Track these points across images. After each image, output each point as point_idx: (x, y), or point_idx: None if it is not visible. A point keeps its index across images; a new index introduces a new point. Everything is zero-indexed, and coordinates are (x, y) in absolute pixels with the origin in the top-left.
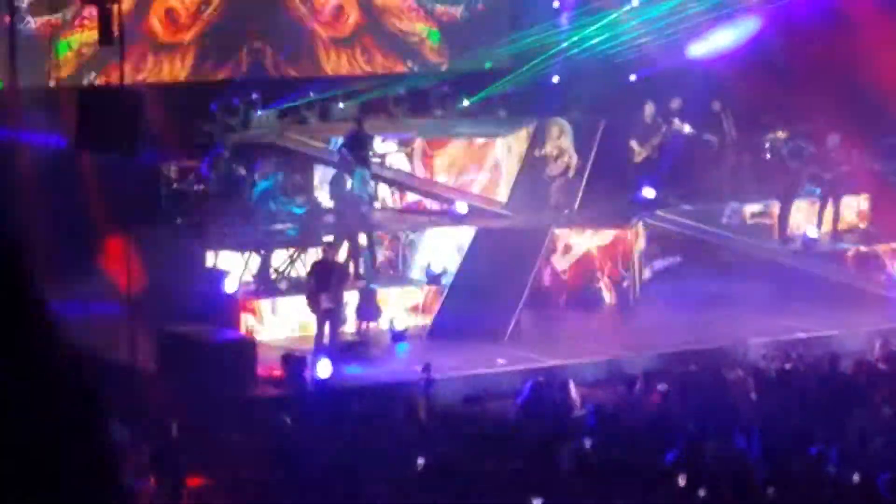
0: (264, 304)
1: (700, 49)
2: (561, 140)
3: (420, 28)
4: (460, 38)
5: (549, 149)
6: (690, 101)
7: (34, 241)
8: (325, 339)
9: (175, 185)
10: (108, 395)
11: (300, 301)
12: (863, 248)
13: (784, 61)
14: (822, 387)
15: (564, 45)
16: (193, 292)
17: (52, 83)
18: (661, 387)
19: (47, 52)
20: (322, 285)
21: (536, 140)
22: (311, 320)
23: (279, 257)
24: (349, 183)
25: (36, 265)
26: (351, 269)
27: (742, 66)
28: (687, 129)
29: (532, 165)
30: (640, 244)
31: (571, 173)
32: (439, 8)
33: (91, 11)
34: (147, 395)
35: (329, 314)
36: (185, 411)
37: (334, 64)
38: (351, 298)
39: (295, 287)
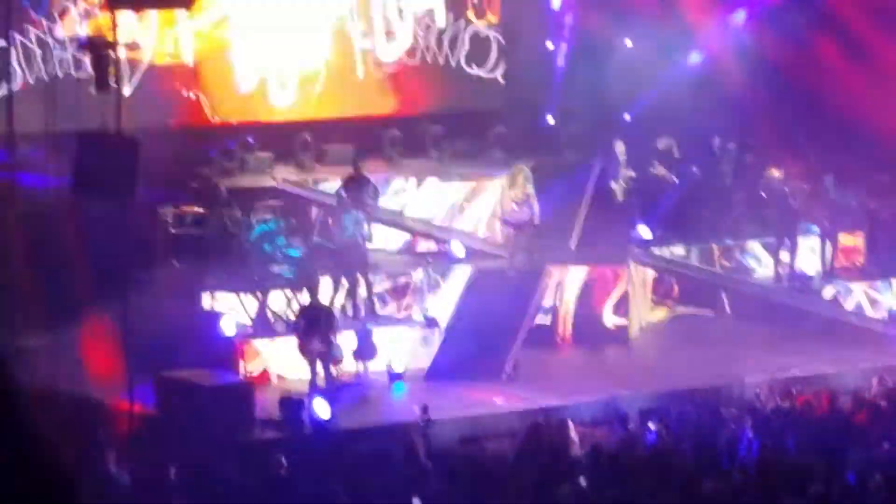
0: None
1: None
2: (526, 187)
3: None
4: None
5: (516, 194)
6: (688, 138)
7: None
8: (320, 381)
9: (172, 229)
10: (108, 439)
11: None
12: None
13: (775, 101)
14: (820, 424)
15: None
16: (191, 335)
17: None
18: (656, 426)
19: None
20: (312, 328)
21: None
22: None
23: (276, 299)
24: (344, 225)
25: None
26: (348, 309)
27: (735, 106)
28: (662, 171)
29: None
30: (643, 282)
31: (536, 220)
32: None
33: None
34: (146, 438)
35: (321, 356)
36: (184, 455)
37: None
38: (348, 339)
39: (292, 329)
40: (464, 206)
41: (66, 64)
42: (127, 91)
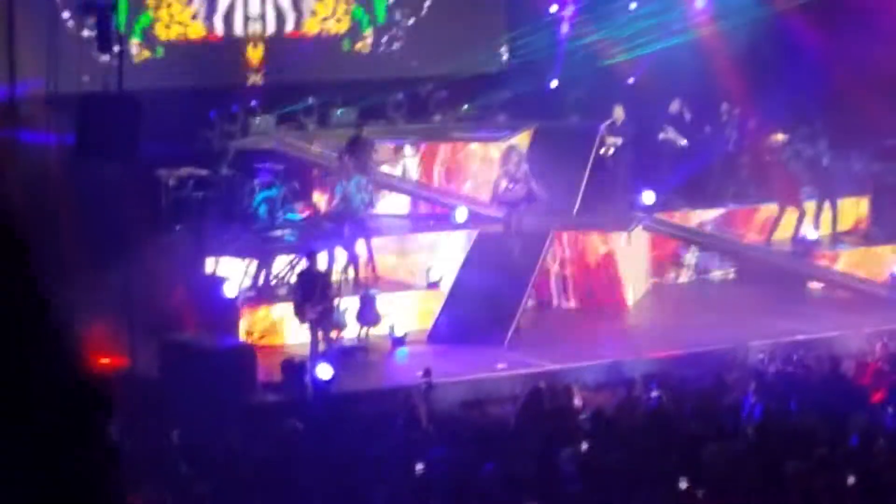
0: None
1: None
2: (521, 166)
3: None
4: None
5: (509, 171)
6: (693, 101)
7: (37, 243)
8: (321, 347)
9: (174, 192)
10: (109, 400)
11: None
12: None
13: (781, 65)
14: (823, 388)
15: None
16: (194, 298)
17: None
18: (659, 390)
19: None
20: (307, 294)
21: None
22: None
23: (279, 263)
24: (347, 189)
25: (41, 266)
26: (350, 274)
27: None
28: (682, 142)
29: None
30: (642, 250)
31: (535, 197)
32: None
33: None
34: (148, 401)
35: (318, 323)
36: (187, 418)
37: None
38: (351, 304)
39: (289, 294)
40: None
41: (70, 26)
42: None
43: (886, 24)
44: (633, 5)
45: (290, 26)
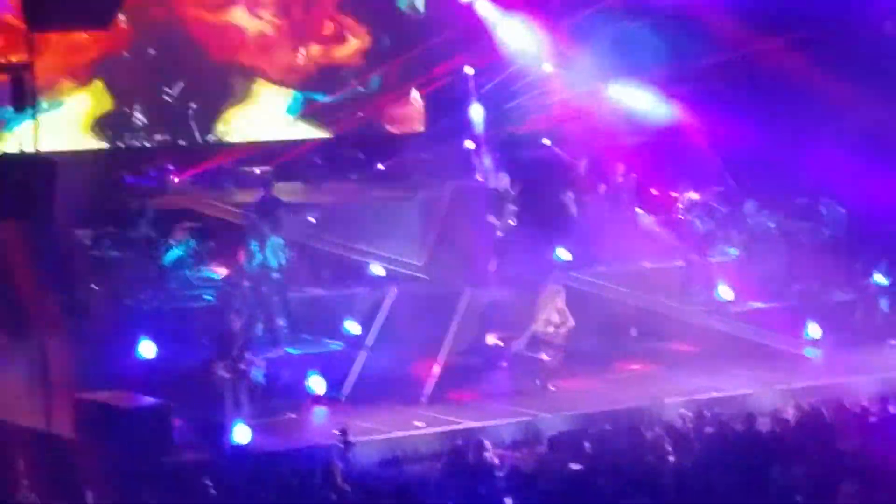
0: None
1: None
2: None
3: None
4: None
5: None
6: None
7: None
8: (238, 406)
9: (91, 252)
10: (23, 462)
11: None
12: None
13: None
14: (739, 445)
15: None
16: (110, 357)
17: None
18: (576, 447)
19: None
20: (223, 353)
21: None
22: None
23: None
24: (262, 249)
25: None
26: (267, 333)
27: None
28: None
29: (447, 227)
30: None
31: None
32: None
33: None
34: (64, 462)
35: (234, 382)
36: (103, 479)
37: None
38: (268, 362)
39: (203, 355)
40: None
41: None
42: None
43: (797, 84)
44: (547, 67)
45: None
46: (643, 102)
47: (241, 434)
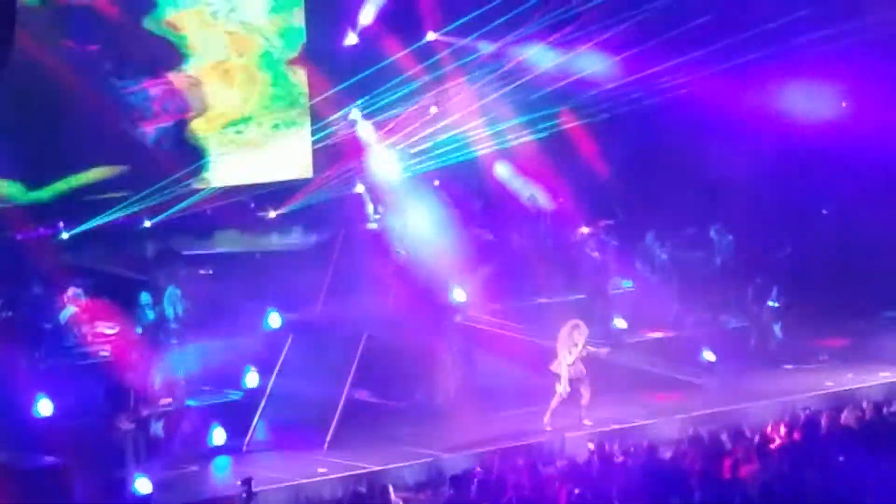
0: None
1: None
2: None
3: None
4: None
5: None
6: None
7: None
8: (138, 459)
9: None
10: None
11: None
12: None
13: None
14: (640, 475)
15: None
16: (6, 417)
17: None
18: (479, 486)
19: None
20: (120, 406)
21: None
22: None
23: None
24: (160, 301)
25: None
26: (166, 386)
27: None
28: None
29: (341, 272)
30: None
31: None
32: None
33: None
34: None
35: (135, 434)
36: None
37: None
38: (168, 415)
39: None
40: None
41: None
42: None
43: (686, 118)
44: (433, 109)
45: None
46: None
47: (143, 486)
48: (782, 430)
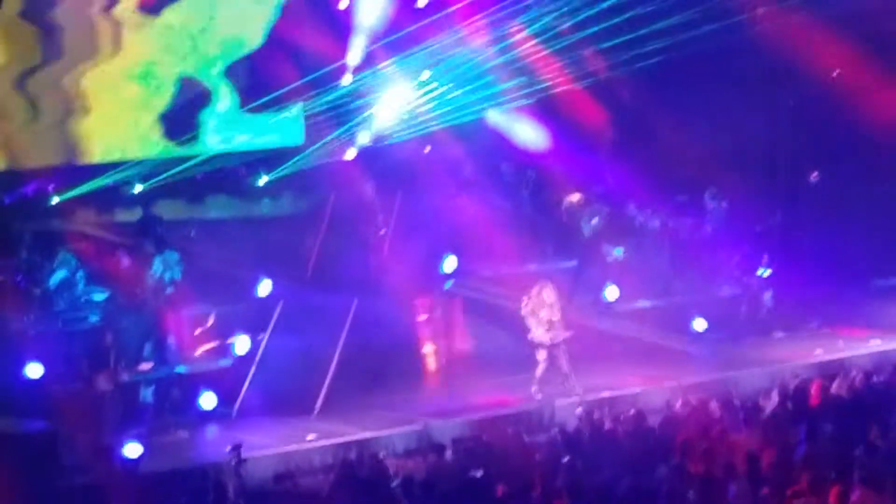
0: None
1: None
2: None
3: None
4: None
5: None
6: (484, 165)
7: None
8: (125, 421)
9: None
10: None
11: None
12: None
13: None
14: (630, 443)
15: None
16: None
17: None
18: (469, 452)
19: None
20: (100, 365)
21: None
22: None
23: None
24: (153, 268)
25: None
26: (155, 353)
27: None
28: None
29: (332, 236)
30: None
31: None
32: None
33: None
34: None
35: (117, 395)
36: None
37: None
38: (157, 380)
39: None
40: None
41: None
42: None
43: (674, 92)
44: (425, 74)
45: None
46: (519, 129)
47: (132, 450)
48: (773, 397)
